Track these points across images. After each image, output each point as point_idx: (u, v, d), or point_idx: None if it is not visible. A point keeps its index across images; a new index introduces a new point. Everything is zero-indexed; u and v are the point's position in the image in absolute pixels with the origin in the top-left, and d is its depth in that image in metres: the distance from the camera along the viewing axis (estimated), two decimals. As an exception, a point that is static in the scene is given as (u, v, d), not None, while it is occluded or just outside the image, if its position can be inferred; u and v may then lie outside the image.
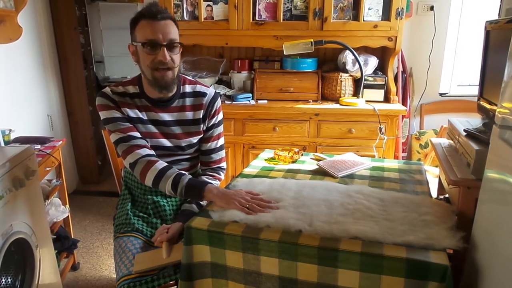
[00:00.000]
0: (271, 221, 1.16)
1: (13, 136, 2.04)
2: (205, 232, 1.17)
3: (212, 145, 1.56)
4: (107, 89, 1.41)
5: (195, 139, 1.51)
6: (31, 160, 1.64)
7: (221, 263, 1.18)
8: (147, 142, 1.42)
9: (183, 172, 1.37)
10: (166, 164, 1.38)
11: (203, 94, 1.50)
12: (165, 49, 1.31)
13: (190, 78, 1.55)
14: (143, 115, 1.42)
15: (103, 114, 1.40)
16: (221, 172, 1.61)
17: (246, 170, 1.65)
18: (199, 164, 1.63)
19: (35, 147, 1.97)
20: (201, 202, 1.50)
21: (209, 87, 1.54)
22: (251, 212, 1.21)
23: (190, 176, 1.36)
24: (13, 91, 2.55)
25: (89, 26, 4.03)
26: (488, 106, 1.39)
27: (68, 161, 3.36)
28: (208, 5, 2.51)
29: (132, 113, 1.41)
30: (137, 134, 1.40)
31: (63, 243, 2.19)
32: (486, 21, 1.47)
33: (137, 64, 1.38)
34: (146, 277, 1.28)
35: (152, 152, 1.41)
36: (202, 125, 1.51)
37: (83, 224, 2.91)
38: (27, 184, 1.57)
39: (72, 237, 2.34)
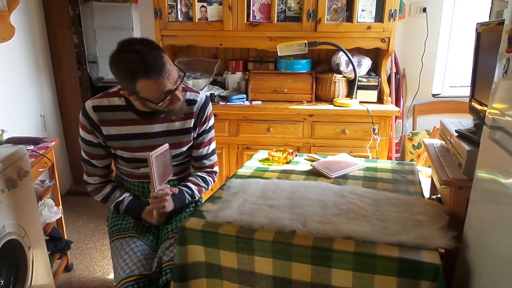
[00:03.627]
0: (265, 221, 1.17)
1: (5, 136, 2.02)
2: (199, 233, 1.18)
3: (204, 151, 1.52)
4: (89, 105, 1.36)
5: (185, 148, 1.48)
6: (23, 161, 1.63)
7: (215, 263, 1.19)
8: (108, 167, 1.50)
9: (121, 199, 1.47)
10: (109, 189, 1.48)
11: (193, 102, 1.43)
12: (177, 92, 1.27)
13: None
14: (127, 130, 1.39)
15: (80, 132, 1.42)
16: (213, 175, 1.60)
17: (241, 171, 1.65)
18: (192, 169, 1.61)
19: (28, 148, 1.95)
20: (191, 193, 1.50)
21: (199, 93, 1.47)
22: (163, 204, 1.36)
23: (128, 202, 1.47)
24: (5, 92, 2.53)
25: (82, 26, 4.02)
26: (479, 107, 1.41)
27: (61, 162, 3.34)
28: (202, 6, 2.51)
29: (114, 130, 1.38)
30: (98, 163, 1.45)
31: (56, 244, 2.17)
32: (477, 23, 1.49)
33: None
34: (145, 279, 1.29)
35: (100, 180, 1.48)
36: (192, 134, 1.46)
37: (77, 225, 2.89)
38: (20, 185, 1.56)
39: (66, 238, 2.33)
